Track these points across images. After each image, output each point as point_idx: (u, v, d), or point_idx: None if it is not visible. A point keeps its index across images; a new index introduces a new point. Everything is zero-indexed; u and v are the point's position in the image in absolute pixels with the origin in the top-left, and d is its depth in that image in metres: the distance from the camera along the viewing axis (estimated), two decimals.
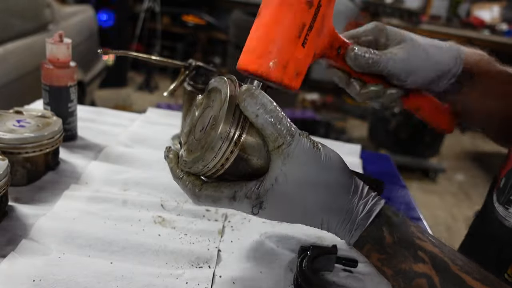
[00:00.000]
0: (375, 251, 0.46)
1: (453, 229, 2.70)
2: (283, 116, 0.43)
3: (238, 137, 0.43)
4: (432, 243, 0.45)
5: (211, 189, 0.45)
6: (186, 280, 0.56)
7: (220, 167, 0.44)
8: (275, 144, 0.43)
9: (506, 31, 3.85)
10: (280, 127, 0.42)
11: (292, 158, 0.43)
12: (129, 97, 3.88)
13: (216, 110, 0.45)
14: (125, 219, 0.65)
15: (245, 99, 0.42)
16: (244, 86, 0.44)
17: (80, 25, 2.56)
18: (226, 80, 0.46)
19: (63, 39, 0.82)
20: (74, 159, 0.81)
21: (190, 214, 0.70)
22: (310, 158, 0.43)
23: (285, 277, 0.59)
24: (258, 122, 0.42)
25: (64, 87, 0.83)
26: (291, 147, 0.43)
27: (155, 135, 0.96)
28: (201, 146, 0.44)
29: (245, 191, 0.44)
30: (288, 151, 0.42)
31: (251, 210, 0.44)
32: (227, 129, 0.42)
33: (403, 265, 0.44)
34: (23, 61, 1.87)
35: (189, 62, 0.86)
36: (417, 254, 0.44)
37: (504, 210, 0.60)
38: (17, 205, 0.65)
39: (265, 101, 0.42)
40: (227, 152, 0.43)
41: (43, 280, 0.51)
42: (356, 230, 0.45)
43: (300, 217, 0.46)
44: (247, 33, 0.51)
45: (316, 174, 0.44)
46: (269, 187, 0.43)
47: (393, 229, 0.45)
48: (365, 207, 0.45)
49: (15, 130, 0.70)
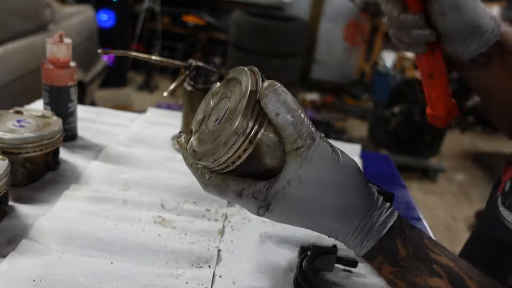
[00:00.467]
0: (388, 263, 0.44)
1: (453, 229, 2.70)
2: (305, 117, 0.41)
3: (254, 134, 0.40)
4: (446, 256, 0.44)
5: (219, 180, 0.43)
6: (186, 280, 0.56)
7: (230, 164, 0.41)
8: (294, 146, 0.40)
9: None
10: (301, 128, 0.40)
11: (310, 163, 0.40)
12: (129, 97, 3.88)
13: (234, 102, 0.42)
14: (125, 219, 0.65)
15: (267, 95, 0.39)
16: (267, 81, 0.41)
17: (80, 25, 2.56)
18: (248, 71, 0.43)
19: (63, 39, 0.82)
20: (74, 159, 0.81)
21: (190, 214, 0.70)
22: (328, 165, 0.41)
23: (285, 277, 0.59)
24: (279, 121, 0.40)
25: (64, 87, 0.83)
26: (310, 150, 0.40)
27: (155, 135, 0.96)
28: (214, 138, 0.42)
29: (252, 190, 0.41)
30: (307, 155, 0.40)
31: (257, 211, 0.42)
32: (244, 124, 0.39)
33: (418, 279, 0.43)
34: (23, 61, 1.87)
35: (189, 62, 0.86)
36: (432, 268, 0.43)
37: (510, 214, 0.59)
38: (17, 205, 0.65)
39: (288, 99, 0.40)
40: (240, 149, 0.40)
41: (43, 280, 0.51)
42: (368, 241, 0.43)
43: (309, 223, 0.44)
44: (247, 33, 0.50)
45: (332, 181, 0.41)
46: (280, 189, 0.41)
47: (407, 242, 0.43)
48: (379, 218, 0.43)
49: (15, 130, 0.70)
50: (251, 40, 3.58)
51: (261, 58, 3.59)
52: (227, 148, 0.40)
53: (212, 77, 0.88)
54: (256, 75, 0.42)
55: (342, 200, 0.42)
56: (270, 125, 0.41)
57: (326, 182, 0.41)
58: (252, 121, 0.40)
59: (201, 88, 0.88)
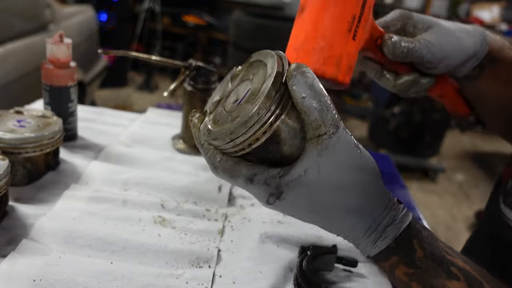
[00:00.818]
0: (404, 264, 0.42)
1: (453, 229, 2.70)
2: (331, 103, 0.38)
3: (276, 117, 0.38)
4: (462, 259, 0.42)
5: (231, 163, 0.40)
6: (186, 280, 0.56)
7: (247, 146, 0.39)
8: (316, 132, 0.38)
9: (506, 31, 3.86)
10: (327, 115, 0.38)
11: (331, 152, 0.38)
12: (129, 97, 3.88)
13: (257, 84, 0.40)
14: (125, 219, 0.65)
15: (295, 76, 0.38)
16: (295, 63, 0.39)
17: (80, 25, 2.56)
18: (274, 54, 0.41)
19: (63, 39, 0.82)
20: (75, 159, 0.81)
21: (190, 214, 0.70)
22: (350, 157, 0.39)
23: (285, 277, 0.59)
24: (304, 105, 0.38)
25: (65, 87, 0.83)
26: (333, 139, 0.38)
27: (155, 135, 0.96)
28: (232, 118, 0.39)
29: (265, 176, 0.39)
30: (329, 143, 0.38)
31: (267, 198, 0.39)
32: (267, 105, 0.37)
33: (436, 281, 0.41)
34: (24, 61, 1.87)
35: (189, 62, 0.86)
36: (450, 270, 0.41)
37: (511, 213, 0.58)
38: (17, 205, 0.65)
39: (316, 83, 0.38)
40: (260, 131, 0.38)
41: (43, 280, 0.51)
42: (382, 240, 0.41)
43: (320, 218, 0.41)
44: (247, 33, 0.50)
45: (352, 174, 0.40)
46: (295, 177, 0.38)
47: (423, 242, 0.42)
48: (395, 218, 0.41)
49: (15, 130, 0.70)
50: (251, 40, 3.58)
51: None
52: (247, 128, 0.38)
53: (212, 77, 0.88)
54: (283, 59, 0.40)
55: (359, 196, 0.40)
56: (293, 110, 0.39)
57: (345, 175, 0.39)
58: (275, 103, 0.38)
59: (201, 88, 0.88)
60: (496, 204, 0.61)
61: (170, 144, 0.94)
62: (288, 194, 0.39)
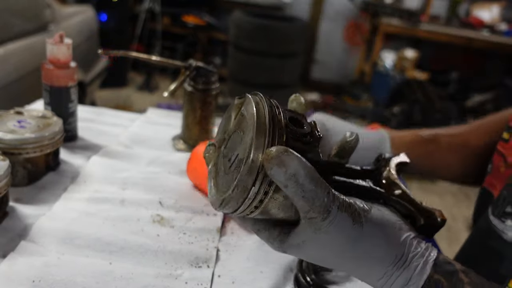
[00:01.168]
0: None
1: (453, 229, 2.70)
2: (320, 187, 0.36)
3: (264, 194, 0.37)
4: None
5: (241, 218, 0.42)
6: (185, 280, 0.56)
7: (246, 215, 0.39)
8: (307, 216, 0.37)
9: (505, 31, 3.85)
10: (314, 203, 0.36)
11: (325, 233, 0.37)
12: (129, 98, 3.88)
13: (243, 150, 0.38)
14: (124, 219, 0.65)
15: (272, 168, 0.34)
16: (274, 148, 0.35)
17: (80, 26, 2.56)
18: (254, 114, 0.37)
19: (64, 40, 0.82)
20: (75, 160, 0.81)
21: (189, 210, 0.70)
22: (348, 235, 0.38)
23: (285, 277, 0.59)
24: (288, 193, 0.36)
25: (65, 87, 0.83)
26: (325, 222, 0.37)
27: (155, 135, 0.96)
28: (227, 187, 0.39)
29: (267, 235, 0.40)
30: (321, 226, 0.37)
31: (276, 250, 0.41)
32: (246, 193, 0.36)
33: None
34: (24, 61, 1.87)
35: (189, 63, 0.86)
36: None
37: (500, 223, 0.59)
38: (17, 206, 0.65)
39: (298, 170, 0.35)
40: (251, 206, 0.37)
41: (42, 280, 0.51)
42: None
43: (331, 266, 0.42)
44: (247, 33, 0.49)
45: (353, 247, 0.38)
46: (294, 244, 0.39)
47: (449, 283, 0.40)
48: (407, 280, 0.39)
49: (15, 131, 0.70)
50: (251, 40, 3.57)
51: (261, 58, 3.59)
52: (238, 206, 0.37)
53: (212, 77, 0.88)
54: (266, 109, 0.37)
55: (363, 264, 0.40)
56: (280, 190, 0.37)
57: (346, 250, 0.38)
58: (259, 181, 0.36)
59: (201, 88, 0.88)
60: (486, 216, 0.63)
61: (170, 144, 0.94)
62: (292, 253, 0.40)
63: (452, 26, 3.92)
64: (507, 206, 0.59)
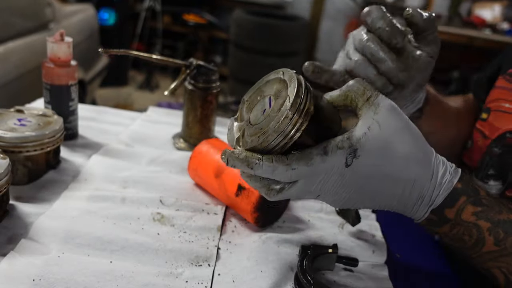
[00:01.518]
0: (471, 203, 0.45)
1: None
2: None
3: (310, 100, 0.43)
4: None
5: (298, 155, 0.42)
6: (186, 279, 0.56)
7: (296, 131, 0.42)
8: (364, 97, 0.43)
9: (507, 30, 3.84)
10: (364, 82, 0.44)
11: (383, 108, 0.43)
12: (130, 96, 3.88)
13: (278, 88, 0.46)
14: (124, 217, 0.65)
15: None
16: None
17: (81, 24, 2.56)
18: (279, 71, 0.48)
19: (64, 38, 0.82)
20: (75, 158, 0.81)
21: (190, 208, 0.70)
22: (397, 111, 0.44)
23: (285, 276, 0.58)
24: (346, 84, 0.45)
25: (65, 86, 0.83)
26: (380, 98, 0.43)
27: (156, 134, 0.96)
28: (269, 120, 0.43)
29: (334, 143, 0.42)
30: (378, 101, 0.43)
31: (345, 160, 0.42)
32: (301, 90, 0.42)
33: (501, 216, 0.44)
34: (24, 59, 1.87)
35: (190, 61, 0.86)
36: (509, 207, 0.45)
37: (484, 184, 0.64)
38: (18, 204, 0.65)
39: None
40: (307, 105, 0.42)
41: (42, 279, 0.51)
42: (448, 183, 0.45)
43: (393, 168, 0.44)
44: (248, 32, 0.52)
45: (407, 125, 0.44)
46: (361, 135, 0.42)
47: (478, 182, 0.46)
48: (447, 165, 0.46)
49: (16, 129, 0.70)
50: (252, 39, 3.57)
51: (262, 57, 3.58)
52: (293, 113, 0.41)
53: (213, 76, 0.88)
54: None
55: (418, 144, 0.44)
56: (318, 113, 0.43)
57: (402, 126, 0.44)
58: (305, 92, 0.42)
59: (202, 87, 0.88)
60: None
61: (171, 143, 0.94)
62: (362, 150, 0.42)
63: (454, 25, 3.91)
64: (490, 169, 0.64)
